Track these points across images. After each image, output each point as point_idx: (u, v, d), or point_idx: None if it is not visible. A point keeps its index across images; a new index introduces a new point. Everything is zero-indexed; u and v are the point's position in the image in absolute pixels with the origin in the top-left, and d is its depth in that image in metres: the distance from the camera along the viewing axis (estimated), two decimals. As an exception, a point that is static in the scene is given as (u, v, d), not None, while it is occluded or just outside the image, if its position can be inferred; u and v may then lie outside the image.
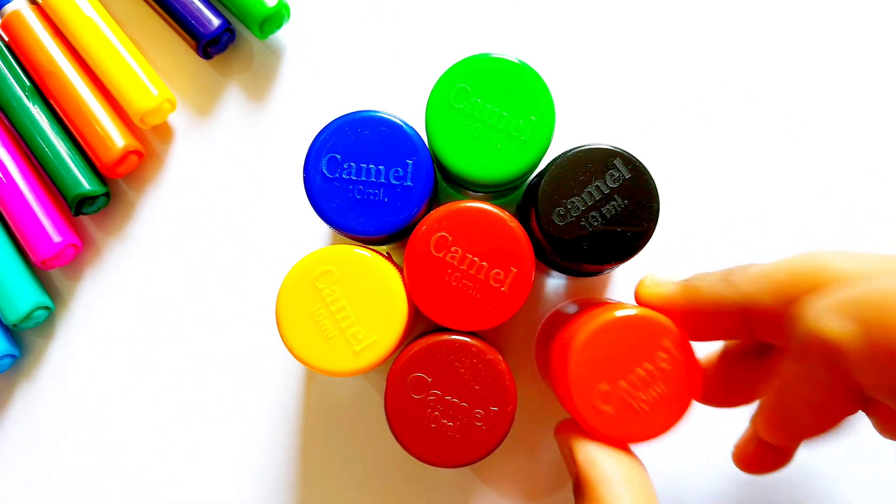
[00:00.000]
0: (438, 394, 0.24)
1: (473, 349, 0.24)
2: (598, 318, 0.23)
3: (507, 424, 0.24)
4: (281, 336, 0.25)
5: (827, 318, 0.17)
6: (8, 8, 0.34)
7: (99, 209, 0.34)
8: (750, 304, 0.20)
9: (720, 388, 0.25)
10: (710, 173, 0.33)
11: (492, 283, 0.24)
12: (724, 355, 0.25)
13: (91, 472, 0.34)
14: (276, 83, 0.35)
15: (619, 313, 0.23)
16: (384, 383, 0.33)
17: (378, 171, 0.25)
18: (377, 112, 0.25)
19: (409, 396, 0.24)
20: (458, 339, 0.24)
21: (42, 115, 0.33)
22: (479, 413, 0.24)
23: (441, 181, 0.28)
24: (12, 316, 0.32)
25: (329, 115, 0.26)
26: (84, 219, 0.35)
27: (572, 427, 0.24)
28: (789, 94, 0.33)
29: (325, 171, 0.25)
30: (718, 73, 0.33)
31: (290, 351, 0.25)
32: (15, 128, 0.34)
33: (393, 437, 0.32)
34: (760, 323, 0.20)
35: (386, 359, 0.25)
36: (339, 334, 0.24)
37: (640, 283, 0.25)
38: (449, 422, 0.24)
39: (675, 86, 0.33)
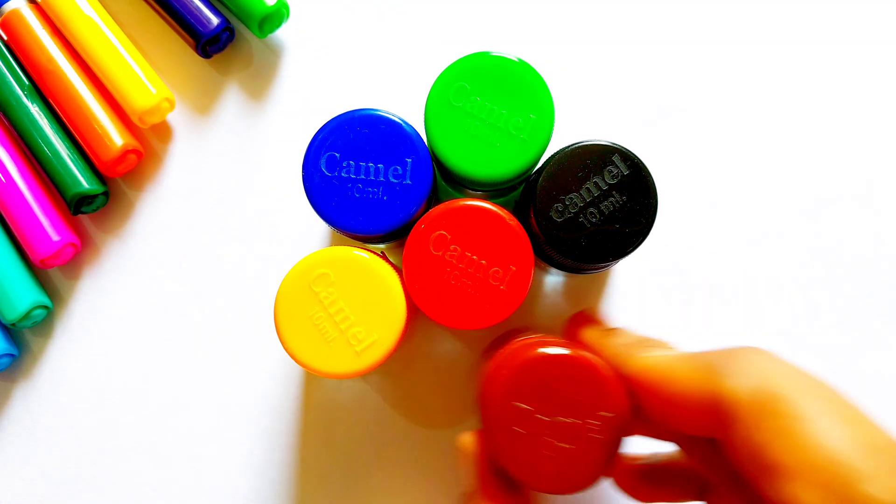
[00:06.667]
0: (545, 420, 0.22)
1: (565, 359, 0.22)
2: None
3: (624, 425, 0.22)
4: (282, 343, 0.25)
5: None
6: (7, 7, 0.34)
7: (98, 208, 0.34)
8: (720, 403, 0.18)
9: (634, 483, 0.25)
10: (709, 170, 0.33)
11: (491, 281, 0.24)
12: (654, 467, 0.25)
13: (90, 471, 0.34)
14: (276, 82, 0.35)
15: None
16: (383, 385, 0.33)
17: (377, 169, 0.25)
18: (376, 110, 0.25)
19: (515, 432, 0.22)
20: (547, 354, 0.22)
21: (41, 114, 0.33)
22: (593, 425, 0.22)
23: (440, 180, 0.29)
24: (11, 315, 0.32)
25: (328, 114, 0.26)
26: (83, 218, 0.35)
27: (476, 443, 0.23)
28: (789, 93, 0.33)
29: (324, 170, 0.25)
30: (718, 70, 0.33)
31: (293, 357, 0.25)
32: (14, 127, 0.34)
33: (389, 437, 0.32)
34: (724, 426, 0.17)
35: (388, 357, 0.25)
36: (339, 336, 0.24)
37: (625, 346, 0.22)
38: (565, 444, 0.22)
39: (674, 83, 0.33)
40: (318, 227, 0.34)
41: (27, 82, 0.34)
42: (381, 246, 0.29)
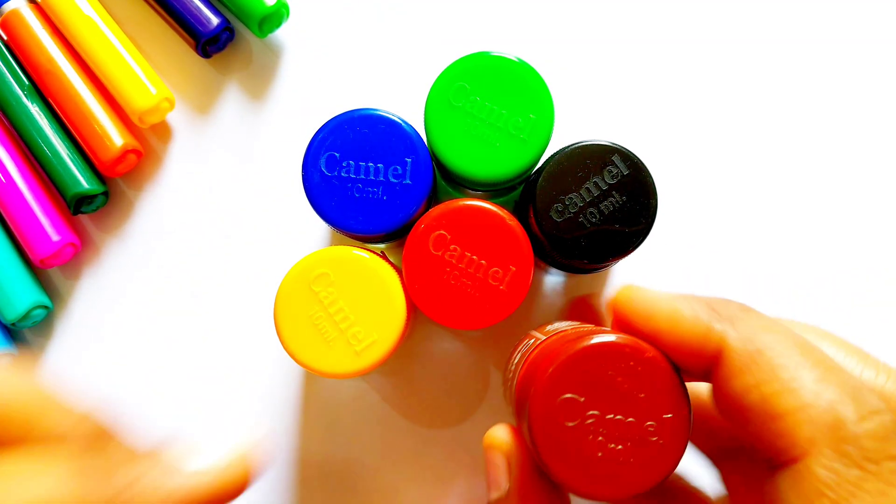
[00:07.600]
0: (597, 414, 0.19)
1: (627, 350, 0.19)
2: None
3: (686, 430, 0.19)
4: (282, 343, 0.25)
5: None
6: (7, 7, 0.34)
7: (97, 208, 0.34)
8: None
9: None
10: (709, 170, 0.33)
11: (490, 281, 0.24)
12: None
13: (89, 471, 0.34)
14: (275, 82, 0.35)
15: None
16: (383, 384, 0.33)
17: (377, 169, 0.25)
18: (376, 110, 0.25)
19: (562, 426, 0.19)
20: (607, 342, 0.19)
21: (41, 114, 0.33)
22: (651, 426, 0.19)
23: (440, 179, 0.29)
24: (10, 315, 0.32)
25: (328, 114, 0.26)
26: (83, 218, 0.35)
27: (514, 439, 0.21)
28: (789, 91, 0.33)
29: (323, 170, 0.25)
30: (718, 69, 0.33)
31: (293, 357, 0.25)
32: (14, 127, 0.34)
33: (389, 437, 0.32)
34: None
35: (388, 356, 0.25)
36: (339, 336, 0.24)
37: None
38: (617, 445, 0.19)
39: (675, 83, 0.33)
40: (318, 227, 0.34)
41: (27, 82, 0.34)
42: (381, 246, 0.29)
